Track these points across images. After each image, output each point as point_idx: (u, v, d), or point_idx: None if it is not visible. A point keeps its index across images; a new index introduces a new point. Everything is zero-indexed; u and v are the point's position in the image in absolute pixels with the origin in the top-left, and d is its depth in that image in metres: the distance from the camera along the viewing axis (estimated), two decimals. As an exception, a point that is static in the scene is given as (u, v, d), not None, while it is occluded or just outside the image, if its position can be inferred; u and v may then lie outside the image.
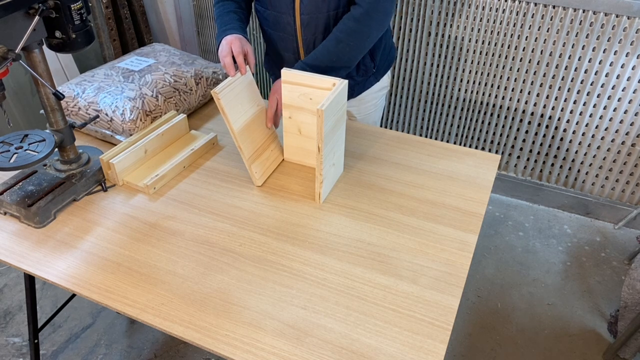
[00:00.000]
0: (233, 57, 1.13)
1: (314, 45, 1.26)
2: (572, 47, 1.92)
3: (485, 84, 2.15)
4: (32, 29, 0.94)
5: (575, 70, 1.97)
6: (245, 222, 1.09)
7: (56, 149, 1.13)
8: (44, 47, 1.04)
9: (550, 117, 2.12)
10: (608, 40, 1.85)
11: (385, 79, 1.48)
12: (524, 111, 2.16)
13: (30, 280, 1.36)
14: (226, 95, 1.08)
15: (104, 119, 1.30)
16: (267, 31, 1.32)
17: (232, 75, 1.12)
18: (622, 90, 1.93)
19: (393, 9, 1.21)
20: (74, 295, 1.75)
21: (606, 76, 1.93)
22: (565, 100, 2.06)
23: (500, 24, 1.98)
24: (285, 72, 1.12)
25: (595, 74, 1.94)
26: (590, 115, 2.05)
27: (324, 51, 1.20)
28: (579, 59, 1.94)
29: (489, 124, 2.25)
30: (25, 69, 1.02)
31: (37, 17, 0.94)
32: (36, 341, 1.51)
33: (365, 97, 1.46)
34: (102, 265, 0.99)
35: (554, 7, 1.86)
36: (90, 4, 2.14)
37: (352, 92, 1.43)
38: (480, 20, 1.99)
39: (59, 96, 1.04)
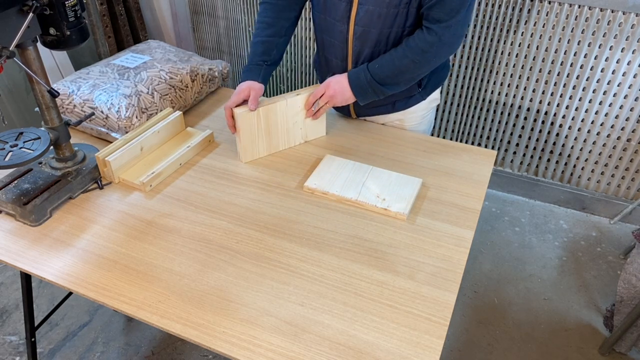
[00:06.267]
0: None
1: (363, 55, 1.26)
2: (568, 43, 1.92)
3: (481, 80, 2.15)
4: (26, 26, 0.93)
5: (571, 65, 1.97)
6: (242, 219, 1.09)
7: (51, 147, 1.13)
8: (38, 44, 1.03)
9: (546, 113, 2.13)
10: (603, 36, 1.85)
11: (435, 94, 1.43)
12: (519, 107, 2.16)
13: (26, 279, 1.35)
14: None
15: (99, 117, 1.29)
16: (319, 35, 1.34)
17: (233, 132, 1.26)
18: (618, 86, 1.94)
19: (465, 31, 1.20)
20: (70, 293, 1.75)
21: (602, 71, 1.93)
22: (560, 96, 2.06)
23: (496, 19, 1.98)
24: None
25: (591, 70, 1.95)
26: (586, 111, 2.06)
27: (389, 62, 1.20)
28: (574, 55, 1.94)
29: (485, 119, 2.26)
30: (20, 67, 1.01)
31: (31, 14, 0.93)
32: (33, 339, 1.50)
33: (410, 109, 1.41)
34: (99, 263, 0.98)
35: (549, 2, 1.86)
36: (84, 1, 2.13)
37: (393, 107, 1.39)
38: (476, 16, 1.99)
39: (53, 94, 1.04)
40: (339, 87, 1.25)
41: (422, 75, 1.25)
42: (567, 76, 2.00)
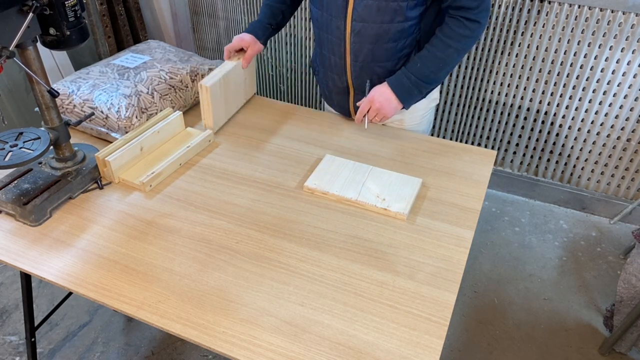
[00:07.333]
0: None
1: (362, 52, 1.26)
2: (568, 43, 1.92)
3: (481, 80, 2.15)
4: (26, 26, 0.93)
5: (571, 65, 1.97)
6: (241, 219, 1.09)
7: (51, 147, 1.13)
8: (38, 44, 1.03)
9: (546, 113, 2.13)
10: (603, 36, 1.85)
11: (434, 94, 1.43)
12: (519, 107, 2.16)
13: (26, 279, 1.35)
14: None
15: (99, 117, 1.29)
16: (317, 32, 1.34)
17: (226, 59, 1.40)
18: (618, 86, 1.94)
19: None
20: (70, 293, 1.75)
21: (601, 71, 1.93)
22: (560, 96, 2.06)
23: (497, 19, 1.98)
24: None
25: (591, 70, 1.95)
26: (586, 111, 2.06)
27: (431, 57, 1.21)
28: (574, 55, 1.94)
29: (485, 119, 2.26)
30: (20, 67, 1.01)
31: (31, 14, 0.93)
32: (33, 339, 1.50)
33: (410, 109, 1.40)
34: (99, 263, 0.98)
35: (549, 2, 1.86)
36: (84, 1, 2.13)
37: None
38: (476, 16, 1.99)
39: (53, 94, 1.04)
40: (383, 98, 1.25)
41: (458, 63, 1.27)
42: (567, 76, 2.00)
